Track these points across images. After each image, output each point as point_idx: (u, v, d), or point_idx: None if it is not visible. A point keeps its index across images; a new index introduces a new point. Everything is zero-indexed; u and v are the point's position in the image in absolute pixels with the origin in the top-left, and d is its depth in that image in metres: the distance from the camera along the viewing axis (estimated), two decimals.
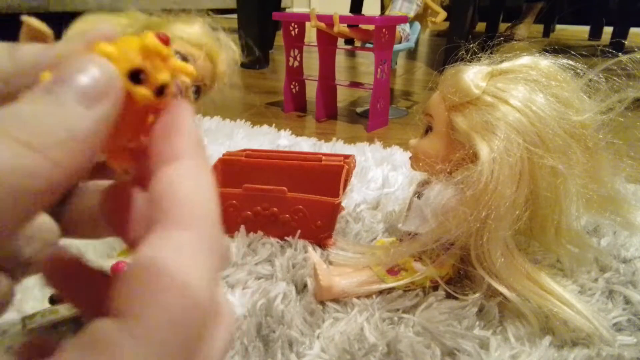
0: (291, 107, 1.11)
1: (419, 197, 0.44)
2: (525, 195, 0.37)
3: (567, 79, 0.40)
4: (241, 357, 0.36)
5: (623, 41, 1.99)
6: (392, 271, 0.42)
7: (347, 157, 0.59)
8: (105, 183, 0.16)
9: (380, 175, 0.69)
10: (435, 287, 0.43)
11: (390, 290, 0.43)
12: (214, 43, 0.36)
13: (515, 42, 0.45)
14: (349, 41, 1.68)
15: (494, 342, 0.37)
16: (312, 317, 0.40)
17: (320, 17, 0.92)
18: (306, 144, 0.84)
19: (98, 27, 0.13)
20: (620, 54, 0.39)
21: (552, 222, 0.40)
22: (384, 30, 0.91)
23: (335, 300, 0.42)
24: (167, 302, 0.11)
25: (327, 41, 1.00)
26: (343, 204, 0.58)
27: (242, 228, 0.51)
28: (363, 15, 1.00)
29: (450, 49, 0.45)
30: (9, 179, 0.10)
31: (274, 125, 0.94)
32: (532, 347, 0.37)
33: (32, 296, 0.41)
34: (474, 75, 0.40)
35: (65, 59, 0.13)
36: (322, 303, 0.42)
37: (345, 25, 0.93)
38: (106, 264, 0.45)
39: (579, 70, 0.40)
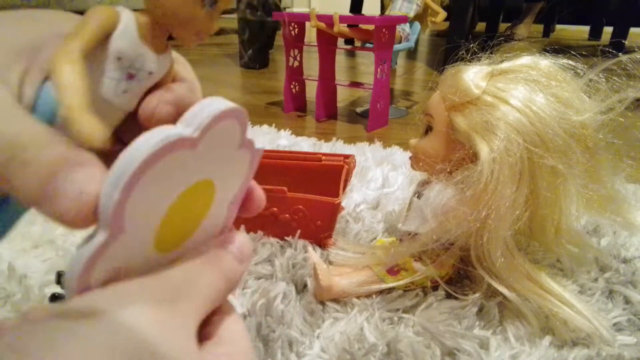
0: (291, 107, 1.11)
1: (419, 197, 0.44)
2: (525, 195, 0.37)
3: (567, 79, 0.40)
4: None
5: (623, 41, 1.99)
6: (392, 271, 0.42)
7: (347, 157, 0.59)
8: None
9: (380, 175, 0.69)
10: (435, 287, 0.43)
11: (390, 290, 0.43)
12: None
13: (515, 42, 0.45)
14: (349, 41, 1.69)
15: (494, 342, 0.37)
16: (312, 317, 0.40)
17: (320, 17, 0.92)
18: (306, 144, 0.84)
19: None
20: (620, 54, 0.39)
21: (552, 222, 0.40)
22: (384, 30, 0.91)
23: (335, 300, 0.42)
24: None
25: (327, 41, 1.00)
26: (343, 204, 0.58)
27: (242, 228, 0.51)
28: (363, 15, 1.00)
29: (450, 49, 0.45)
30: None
31: (274, 125, 0.94)
32: (532, 347, 0.37)
33: (32, 296, 0.41)
34: (474, 75, 0.40)
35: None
36: (322, 303, 0.42)
37: (345, 25, 0.93)
38: None
39: (579, 70, 0.40)
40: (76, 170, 0.14)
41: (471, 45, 0.43)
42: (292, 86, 1.09)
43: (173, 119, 0.18)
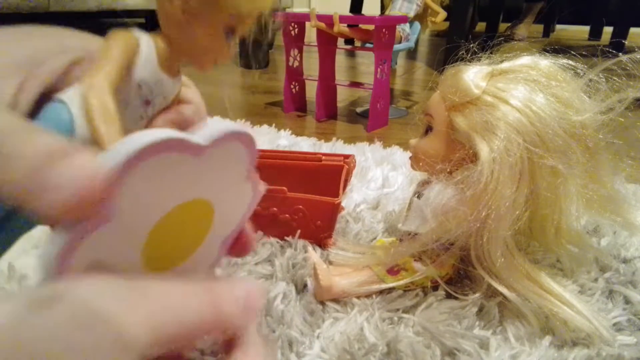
0: (291, 107, 1.11)
1: (419, 197, 0.44)
2: (525, 195, 0.37)
3: (567, 79, 0.40)
4: None
5: (623, 41, 1.99)
6: (392, 271, 0.42)
7: (347, 157, 0.59)
8: None
9: (380, 175, 0.69)
10: (435, 287, 0.43)
11: (390, 290, 0.43)
12: None
13: (515, 42, 0.45)
14: (349, 41, 1.69)
15: (494, 342, 0.37)
16: (312, 317, 0.40)
17: (320, 17, 0.92)
18: (306, 144, 0.84)
19: None
20: (620, 54, 0.39)
21: (552, 222, 0.40)
22: (384, 30, 0.91)
23: (335, 300, 0.42)
24: None
25: (327, 41, 1.00)
26: (343, 204, 0.58)
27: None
28: (363, 15, 1.00)
29: (450, 49, 0.45)
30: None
31: (274, 125, 0.94)
32: (532, 347, 0.37)
33: None
34: (474, 75, 0.40)
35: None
36: (322, 303, 0.42)
37: (345, 25, 0.93)
38: None
39: (579, 70, 0.40)
40: (65, 162, 0.14)
41: (471, 45, 0.43)
42: (292, 86, 1.09)
43: None
